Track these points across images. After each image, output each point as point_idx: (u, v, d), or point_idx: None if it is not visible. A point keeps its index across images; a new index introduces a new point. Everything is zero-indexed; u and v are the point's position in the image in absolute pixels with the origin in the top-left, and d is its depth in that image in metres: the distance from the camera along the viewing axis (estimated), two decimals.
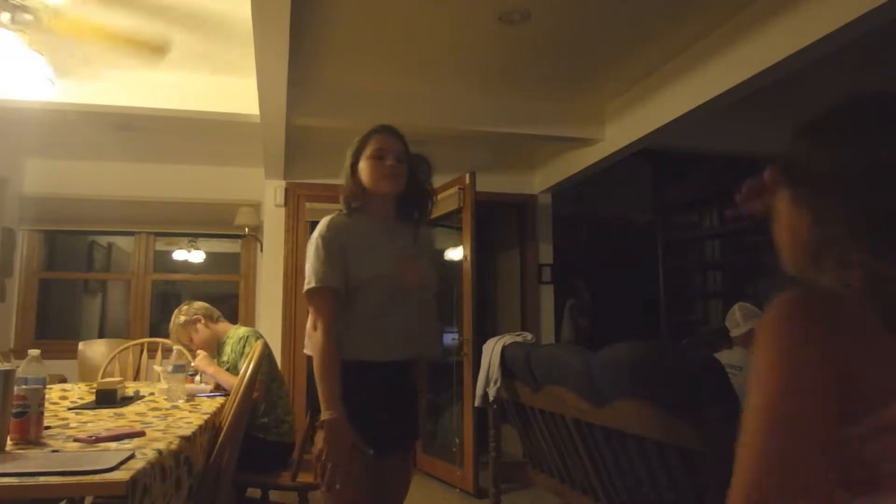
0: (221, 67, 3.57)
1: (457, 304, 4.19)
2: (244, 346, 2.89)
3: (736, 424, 0.64)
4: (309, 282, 1.63)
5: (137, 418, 2.06)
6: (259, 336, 2.94)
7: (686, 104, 3.34)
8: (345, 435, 1.54)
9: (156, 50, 2.94)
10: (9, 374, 1.49)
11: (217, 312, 3.14)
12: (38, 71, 2.60)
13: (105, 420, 2.00)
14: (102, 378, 3.16)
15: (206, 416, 2.10)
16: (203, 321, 3.06)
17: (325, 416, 1.55)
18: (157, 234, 5.23)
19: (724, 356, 2.92)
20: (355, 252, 1.66)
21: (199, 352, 2.92)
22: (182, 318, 3.05)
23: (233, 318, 4.84)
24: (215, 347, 3.07)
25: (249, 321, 5.01)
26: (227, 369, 2.95)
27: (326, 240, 1.65)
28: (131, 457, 1.40)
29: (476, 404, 3.63)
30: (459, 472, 4.02)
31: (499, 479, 3.49)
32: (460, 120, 4.00)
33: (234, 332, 3.04)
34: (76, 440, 1.62)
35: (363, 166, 1.72)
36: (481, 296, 5.64)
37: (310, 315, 1.64)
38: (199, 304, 3.12)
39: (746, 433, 0.62)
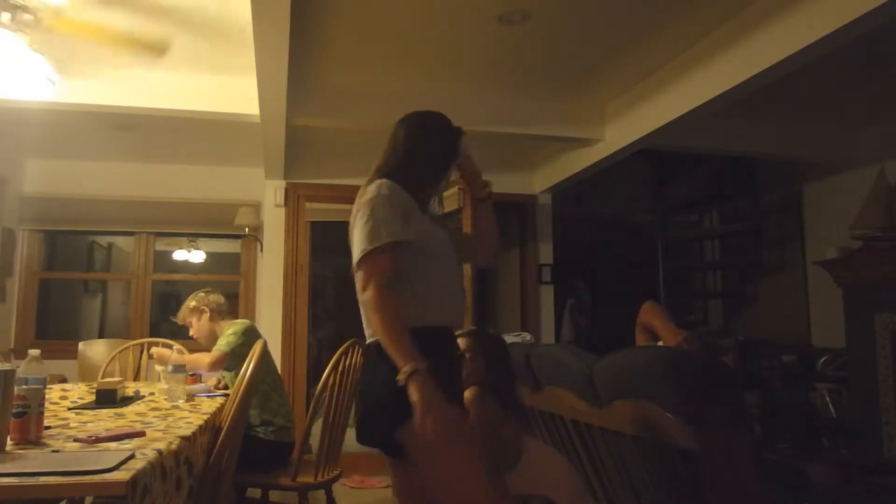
0: (221, 67, 3.56)
1: None
2: (237, 339, 2.94)
3: (737, 426, 0.65)
4: (376, 239, 1.53)
5: (137, 418, 2.06)
6: (249, 329, 3.04)
7: (686, 104, 3.33)
8: (436, 387, 1.43)
9: (155, 49, 2.95)
10: (9, 374, 1.49)
11: (226, 308, 3.20)
12: (38, 71, 2.60)
13: (105, 420, 2.00)
14: (102, 378, 3.16)
15: (206, 416, 2.10)
16: (209, 314, 3.18)
17: (409, 368, 1.41)
18: (157, 234, 5.23)
19: None
20: (416, 220, 1.63)
21: (154, 350, 3.14)
22: (193, 303, 3.19)
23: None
24: (213, 341, 3.11)
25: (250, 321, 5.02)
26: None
27: (392, 197, 1.61)
28: (131, 457, 1.40)
29: None
30: None
31: None
32: (460, 120, 3.93)
33: (230, 325, 3.09)
34: (76, 440, 1.62)
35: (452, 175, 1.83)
36: (481, 296, 5.64)
37: (360, 280, 1.54)
38: (215, 298, 3.23)
39: None
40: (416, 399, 1.40)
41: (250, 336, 2.99)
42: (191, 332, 3.19)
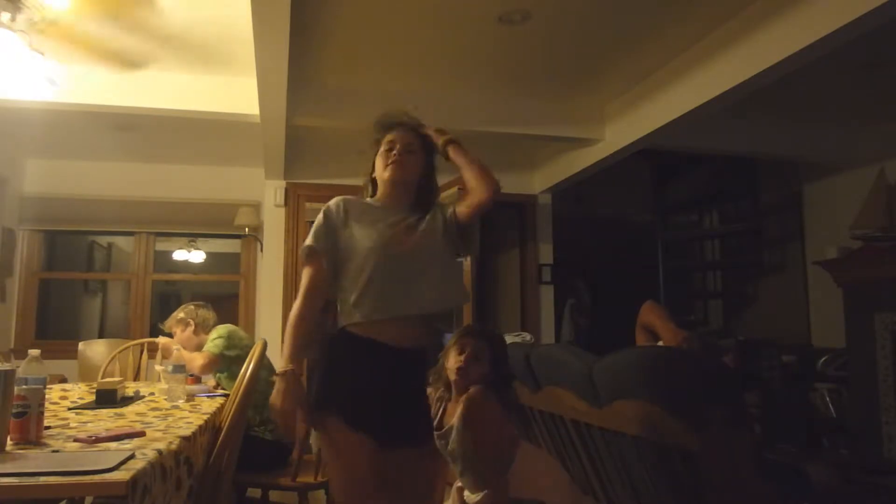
0: (221, 67, 3.56)
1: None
2: (223, 342, 2.98)
3: (737, 426, 0.65)
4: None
5: (137, 418, 2.06)
6: (232, 332, 3.06)
7: (686, 104, 3.34)
8: (296, 390, 1.61)
9: (129, 65, 2.97)
10: (9, 374, 1.49)
11: (212, 325, 3.21)
12: (38, 71, 2.61)
13: (105, 420, 2.00)
14: (102, 378, 3.16)
15: (206, 416, 2.10)
16: (194, 327, 3.20)
17: (279, 370, 1.62)
18: (157, 234, 5.23)
19: None
20: (355, 226, 1.74)
21: (161, 339, 3.23)
22: (181, 314, 3.23)
23: (233, 319, 4.85)
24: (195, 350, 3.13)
25: (250, 321, 5.02)
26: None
27: (328, 211, 1.78)
28: (131, 457, 1.39)
29: None
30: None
31: None
32: (460, 120, 3.99)
33: (213, 331, 3.11)
34: (76, 440, 1.61)
35: (375, 159, 1.84)
36: (481, 296, 5.63)
37: None
38: (203, 313, 3.25)
39: None
40: (272, 396, 1.62)
41: (233, 339, 3.03)
42: (174, 341, 3.22)
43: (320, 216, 1.77)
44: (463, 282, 1.88)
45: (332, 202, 1.79)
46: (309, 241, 1.74)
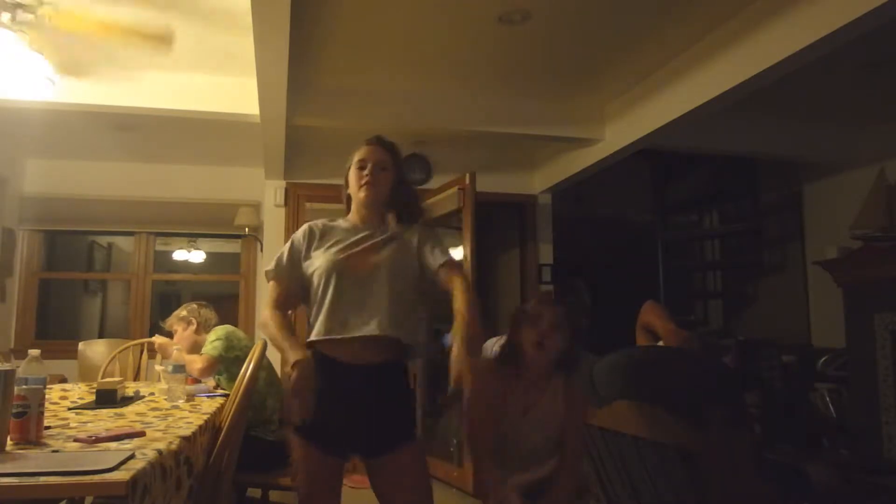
0: (221, 67, 3.56)
1: None
2: (222, 343, 2.97)
3: (737, 426, 0.65)
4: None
5: (137, 418, 2.06)
6: (230, 333, 3.05)
7: (686, 104, 3.33)
8: (312, 373, 1.63)
9: (161, 40, 2.93)
10: (9, 374, 1.49)
11: (214, 325, 3.21)
12: (38, 71, 2.61)
13: (105, 420, 2.00)
14: (102, 378, 3.16)
15: (206, 416, 2.10)
16: (196, 326, 3.21)
17: (295, 357, 1.63)
18: (157, 234, 5.23)
19: None
20: (315, 250, 1.82)
21: (157, 338, 3.23)
22: (184, 312, 3.23)
23: (233, 319, 4.85)
24: (194, 352, 3.13)
25: (249, 321, 5.01)
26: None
27: (294, 239, 1.88)
28: (131, 457, 1.39)
29: None
30: (457, 472, 4.02)
31: None
32: (460, 120, 4.00)
33: (212, 332, 3.11)
34: (76, 440, 1.61)
35: (349, 176, 1.88)
36: (481, 296, 5.63)
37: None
38: (206, 313, 3.26)
39: None
40: (291, 385, 1.64)
41: (231, 341, 3.03)
42: (174, 340, 3.21)
43: (287, 244, 1.88)
44: (417, 329, 1.85)
45: (300, 230, 1.88)
46: (269, 266, 1.87)
